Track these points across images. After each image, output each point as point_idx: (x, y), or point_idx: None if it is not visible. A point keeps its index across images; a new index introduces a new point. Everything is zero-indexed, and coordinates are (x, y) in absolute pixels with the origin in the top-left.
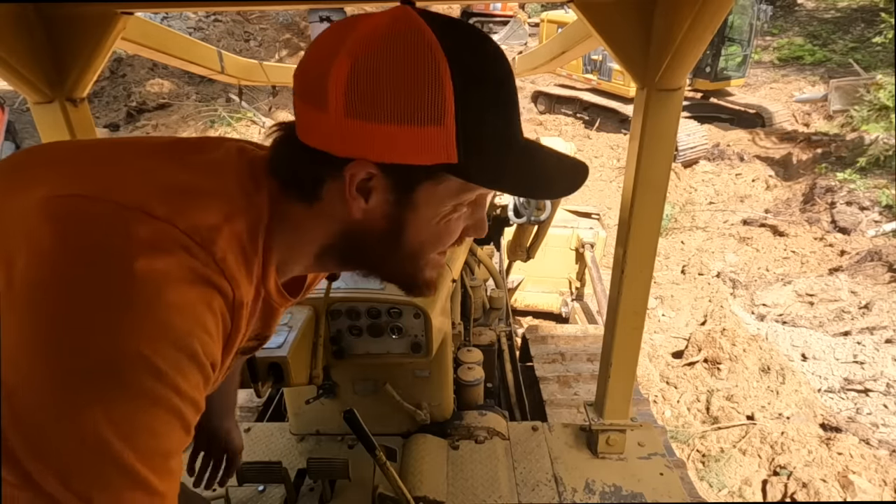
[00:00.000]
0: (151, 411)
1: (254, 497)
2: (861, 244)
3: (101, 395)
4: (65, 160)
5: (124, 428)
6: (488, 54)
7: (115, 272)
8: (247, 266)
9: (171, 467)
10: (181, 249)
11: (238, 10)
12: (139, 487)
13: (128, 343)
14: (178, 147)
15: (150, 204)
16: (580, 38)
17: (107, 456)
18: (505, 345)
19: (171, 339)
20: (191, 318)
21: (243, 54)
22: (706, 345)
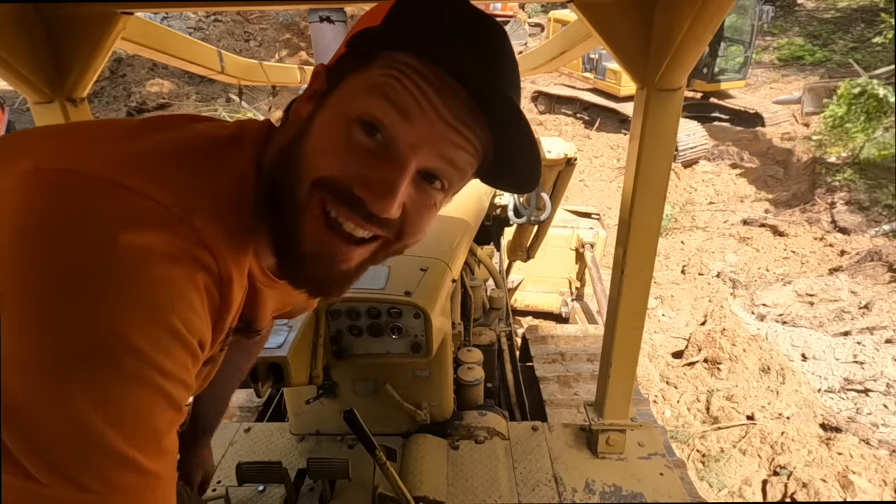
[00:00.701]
0: (135, 392)
1: (254, 497)
2: (861, 244)
3: (82, 377)
4: (46, 138)
5: (108, 410)
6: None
7: (94, 249)
8: (233, 236)
9: (164, 446)
10: (159, 223)
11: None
12: (128, 468)
13: (108, 324)
14: (158, 123)
15: (130, 179)
16: (580, 38)
17: (92, 439)
18: (505, 345)
19: (152, 317)
20: (173, 294)
21: (243, 54)
22: (706, 345)
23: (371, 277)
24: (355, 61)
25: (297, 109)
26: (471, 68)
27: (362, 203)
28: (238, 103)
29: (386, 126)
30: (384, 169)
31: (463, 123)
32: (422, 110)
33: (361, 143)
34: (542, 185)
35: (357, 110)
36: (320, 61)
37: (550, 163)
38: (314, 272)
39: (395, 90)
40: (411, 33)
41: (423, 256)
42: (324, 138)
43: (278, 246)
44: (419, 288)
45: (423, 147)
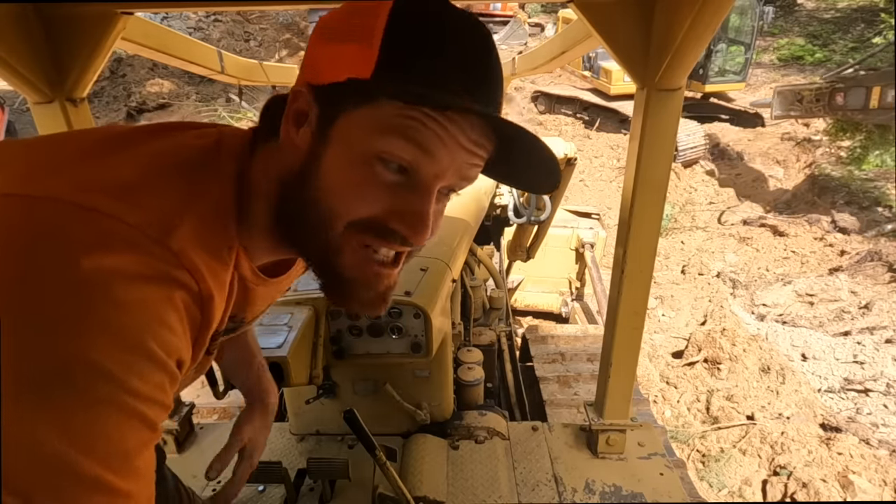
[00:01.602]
0: (105, 417)
1: (254, 497)
2: (861, 244)
3: (49, 403)
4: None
5: (76, 435)
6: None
7: (58, 274)
8: (213, 253)
9: (136, 465)
10: (131, 247)
11: (238, 10)
12: (101, 491)
13: (74, 348)
14: (127, 139)
15: (97, 201)
16: (580, 38)
17: (61, 466)
18: (505, 345)
19: (121, 340)
20: (145, 316)
21: (243, 54)
22: (706, 345)
23: None
24: (358, 95)
25: (288, 135)
26: (484, 104)
27: (397, 233)
28: (238, 103)
29: (412, 164)
30: (412, 200)
31: (479, 146)
32: (444, 146)
33: (386, 179)
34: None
35: (377, 150)
36: None
37: None
38: (362, 295)
39: (418, 131)
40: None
41: (423, 256)
42: (346, 182)
43: (319, 276)
44: (419, 288)
45: (445, 173)
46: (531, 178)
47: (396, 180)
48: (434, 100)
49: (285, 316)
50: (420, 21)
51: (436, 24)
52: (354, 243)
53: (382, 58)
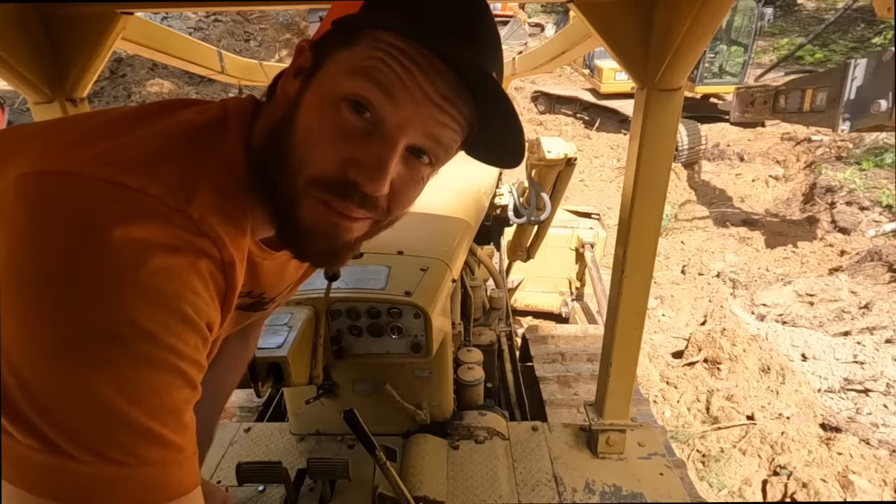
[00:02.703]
0: (152, 373)
1: (254, 497)
2: (861, 244)
3: (100, 363)
4: (34, 138)
5: (127, 390)
6: None
7: (93, 245)
8: (230, 220)
9: (184, 421)
10: (157, 217)
11: (238, 10)
12: (153, 441)
13: (117, 311)
14: (141, 114)
15: (120, 175)
16: (580, 38)
17: (116, 417)
18: (505, 345)
19: (159, 303)
20: (177, 281)
21: (243, 54)
22: (706, 345)
23: (371, 277)
24: (340, 39)
25: (283, 86)
26: (456, 49)
27: (355, 186)
28: None
29: (374, 106)
30: (374, 148)
31: (449, 102)
32: (407, 90)
33: (350, 123)
34: (542, 185)
35: (344, 90)
36: None
37: (550, 163)
38: (317, 245)
39: (381, 71)
40: (396, 13)
41: (423, 256)
42: (312, 125)
43: (279, 225)
44: (419, 288)
45: (410, 125)
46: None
47: (361, 127)
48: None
49: (285, 316)
50: None
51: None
52: (314, 198)
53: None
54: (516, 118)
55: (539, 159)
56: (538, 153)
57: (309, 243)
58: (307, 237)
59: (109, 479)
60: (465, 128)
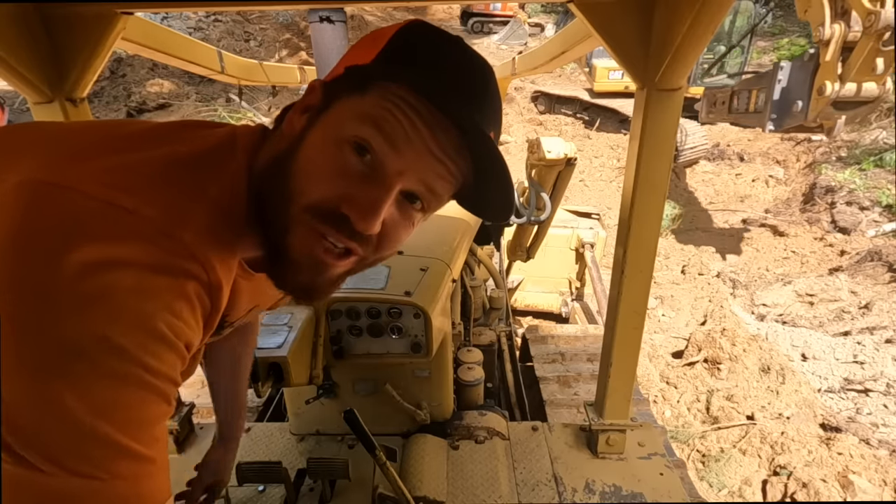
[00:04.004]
0: (123, 389)
1: (254, 497)
2: (861, 244)
3: (70, 377)
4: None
5: (98, 405)
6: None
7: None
8: (224, 246)
9: (155, 434)
10: (144, 239)
11: (238, 10)
12: (124, 455)
13: (91, 326)
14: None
15: (117, 196)
16: (580, 38)
17: (86, 432)
18: (505, 345)
19: (135, 320)
20: (155, 301)
21: (243, 54)
22: (706, 345)
23: (371, 277)
24: (352, 85)
25: (290, 120)
26: (461, 109)
27: (347, 220)
28: (238, 103)
29: (375, 150)
30: (371, 189)
31: (448, 157)
32: (410, 142)
33: (350, 164)
34: (542, 185)
35: (350, 133)
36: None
37: (550, 163)
38: (301, 278)
39: (388, 121)
40: (408, 69)
41: (423, 256)
42: (315, 159)
43: (267, 253)
44: (419, 288)
45: (408, 173)
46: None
47: (360, 169)
48: (417, 85)
49: (285, 316)
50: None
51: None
52: (305, 227)
53: (383, 51)
54: (508, 179)
55: (539, 159)
56: (538, 153)
57: (293, 275)
58: (293, 269)
59: (80, 492)
60: (459, 180)
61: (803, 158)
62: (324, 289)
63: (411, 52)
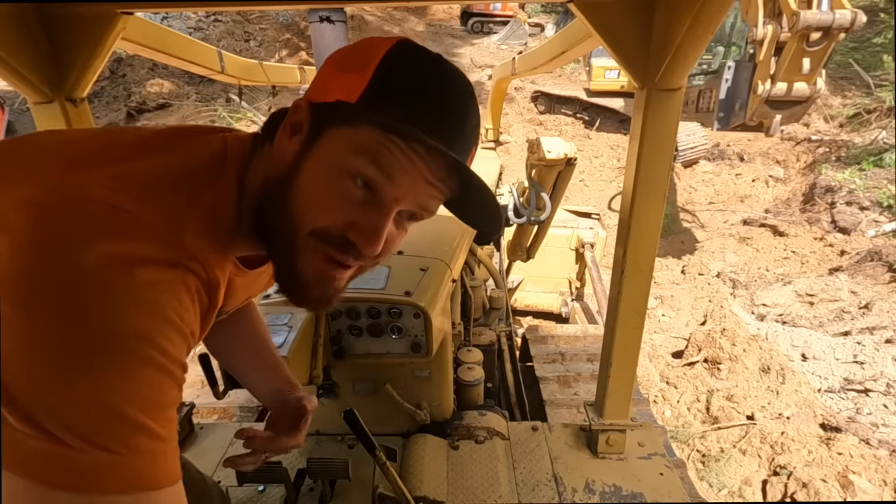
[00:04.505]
0: (145, 372)
1: (254, 497)
2: (861, 244)
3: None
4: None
5: (125, 388)
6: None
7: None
8: (218, 246)
9: (169, 416)
10: (151, 240)
11: (238, 10)
12: (143, 433)
13: (115, 317)
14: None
15: (122, 200)
16: (580, 38)
17: (112, 410)
18: (505, 345)
19: (153, 310)
20: (168, 293)
21: (243, 54)
22: (706, 345)
23: (371, 277)
24: (343, 116)
25: (280, 145)
26: (451, 143)
27: (353, 245)
28: (238, 103)
29: (374, 182)
30: (371, 216)
31: (440, 180)
32: (406, 173)
33: (351, 193)
34: (542, 185)
35: (348, 167)
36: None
37: (550, 163)
38: (312, 294)
39: (383, 155)
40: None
41: (423, 256)
42: (317, 189)
43: (278, 272)
44: (419, 288)
45: (405, 199)
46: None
47: (361, 197)
48: (403, 133)
49: (285, 316)
50: (411, 66)
51: (424, 71)
52: (313, 250)
53: (369, 88)
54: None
55: (539, 159)
56: (538, 153)
57: (306, 292)
58: (305, 287)
59: (103, 465)
60: (447, 195)
61: (803, 158)
62: (333, 299)
63: (398, 91)
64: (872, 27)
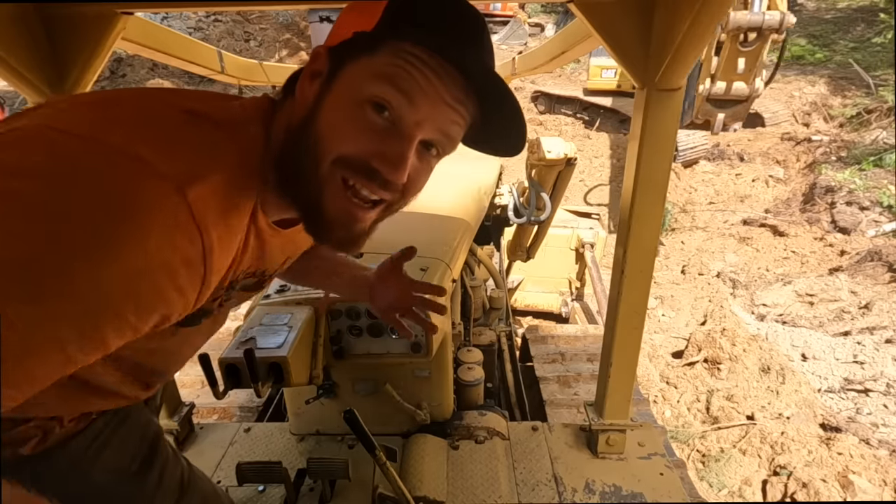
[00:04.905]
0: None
1: (254, 497)
2: (861, 244)
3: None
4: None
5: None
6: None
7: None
8: (230, 207)
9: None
10: (154, 187)
11: (238, 10)
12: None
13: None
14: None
15: (136, 147)
16: (580, 38)
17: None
18: (505, 345)
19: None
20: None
21: (243, 54)
22: (706, 345)
23: None
24: (362, 46)
25: (302, 89)
26: (467, 58)
27: (378, 173)
28: None
29: (394, 107)
30: (394, 143)
31: (460, 102)
32: (425, 94)
33: (373, 122)
34: (542, 185)
35: (368, 93)
36: None
37: (550, 163)
38: (338, 233)
39: (402, 77)
40: (415, 26)
41: (423, 256)
42: (339, 120)
43: (302, 212)
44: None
45: (425, 123)
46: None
47: (382, 125)
48: (426, 41)
49: (285, 316)
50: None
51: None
52: (339, 179)
53: (385, 14)
54: (518, 106)
55: (539, 159)
56: (538, 153)
57: (331, 232)
58: (330, 226)
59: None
60: (468, 122)
61: (803, 158)
62: (359, 239)
63: (413, 11)
64: (872, 27)
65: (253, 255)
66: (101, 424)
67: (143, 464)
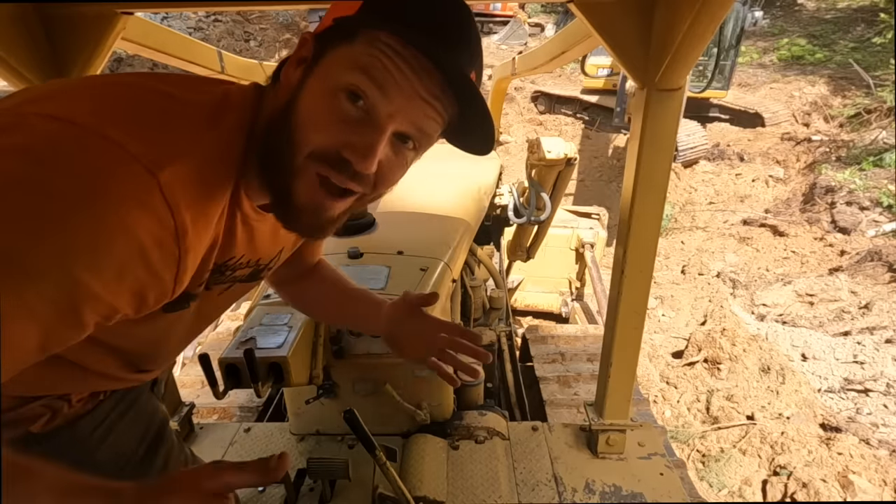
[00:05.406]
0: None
1: (254, 497)
2: (861, 244)
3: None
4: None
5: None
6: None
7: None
8: (205, 192)
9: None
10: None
11: (238, 10)
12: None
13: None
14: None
15: (107, 129)
16: (580, 38)
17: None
18: (505, 345)
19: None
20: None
21: (243, 54)
22: (706, 345)
23: (371, 277)
24: (341, 35)
25: (287, 74)
26: (444, 54)
27: (348, 163)
28: None
29: (368, 96)
30: (366, 133)
31: (434, 98)
32: (398, 86)
33: (347, 111)
34: (542, 185)
35: (344, 82)
36: None
37: (550, 163)
38: (306, 220)
39: (376, 68)
40: (392, 17)
41: (423, 256)
42: (316, 108)
43: (273, 198)
44: (419, 288)
45: (398, 115)
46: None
47: (356, 114)
48: (400, 31)
49: (285, 316)
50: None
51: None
52: (311, 172)
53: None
54: (487, 113)
55: (539, 159)
56: (538, 153)
57: (299, 218)
58: (297, 213)
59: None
60: (445, 119)
61: (803, 158)
62: (327, 228)
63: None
64: (872, 27)
65: (243, 242)
66: (109, 407)
67: (149, 449)
